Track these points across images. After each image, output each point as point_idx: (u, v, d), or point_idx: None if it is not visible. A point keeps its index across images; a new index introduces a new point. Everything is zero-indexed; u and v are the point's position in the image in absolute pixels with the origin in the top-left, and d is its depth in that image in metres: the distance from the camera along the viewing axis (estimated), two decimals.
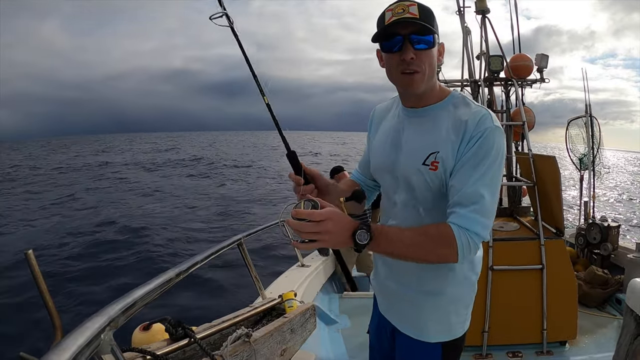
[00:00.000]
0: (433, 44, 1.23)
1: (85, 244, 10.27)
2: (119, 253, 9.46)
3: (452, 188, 1.23)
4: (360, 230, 1.09)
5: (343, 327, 3.91)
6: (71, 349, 0.76)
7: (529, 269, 3.31)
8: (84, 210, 15.03)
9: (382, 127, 1.51)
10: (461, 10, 4.73)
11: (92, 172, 29.91)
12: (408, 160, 1.34)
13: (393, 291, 1.50)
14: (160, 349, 1.54)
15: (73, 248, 9.93)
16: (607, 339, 3.52)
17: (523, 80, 4.58)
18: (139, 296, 1.16)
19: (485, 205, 1.19)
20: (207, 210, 15.13)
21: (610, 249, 4.47)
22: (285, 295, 2.36)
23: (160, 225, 12.15)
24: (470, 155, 1.21)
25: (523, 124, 4.00)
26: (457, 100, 1.33)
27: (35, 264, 1.14)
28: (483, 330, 3.28)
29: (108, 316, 0.95)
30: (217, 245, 2.16)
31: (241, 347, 1.66)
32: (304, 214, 1.06)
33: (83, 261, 8.91)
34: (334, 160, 38.13)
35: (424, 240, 1.16)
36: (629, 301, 1.34)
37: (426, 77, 1.26)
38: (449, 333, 1.43)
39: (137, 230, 11.41)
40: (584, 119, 5.44)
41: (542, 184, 3.59)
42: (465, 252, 1.16)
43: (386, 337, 1.59)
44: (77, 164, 37.88)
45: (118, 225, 12.06)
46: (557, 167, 3.37)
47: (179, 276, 1.53)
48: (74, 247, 9.97)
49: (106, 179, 24.86)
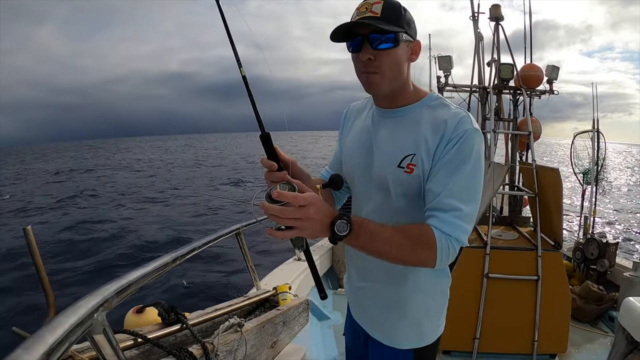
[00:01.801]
0: (396, 43, 1.17)
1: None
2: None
3: (430, 192, 1.18)
4: (340, 221, 1.01)
5: (335, 323, 3.93)
6: (63, 326, 0.76)
7: (524, 279, 3.31)
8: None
9: (355, 127, 1.46)
10: (475, 16, 4.71)
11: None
12: (382, 163, 1.29)
13: (365, 295, 1.48)
14: (152, 332, 1.54)
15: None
16: (597, 355, 3.53)
17: (532, 90, 4.57)
18: (134, 279, 1.15)
19: (466, 211, 1.14)
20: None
21: (607, 266, 4.47)
22: (280, 287, 2.37)
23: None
24: (449, 157, 1.16)
25: (529, 135, 4.00)
26: (434, 101, 1.29)
27: (33, 240, 1.14)
28: (474, 337, 3.29)
29: (102, 297, 0.96)
30: (216, 233, 2.16)
31: (232, 336, 1.66)
32: (288, 197, 0.96)
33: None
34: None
35: (404, 240, 1.09)
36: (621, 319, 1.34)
37: (387, 78, 1.21)
38: (421, 339, 1.39)
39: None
40: (590, 134, 5.42)
41: (543, 195, 3.58)
42: (444, 257, 1.11)
43: (360, 342, 1.57)
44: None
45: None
46: (560, 180, 3.37)
47: (176, 261, 1.53)
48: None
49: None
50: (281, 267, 4.15)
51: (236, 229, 2.41)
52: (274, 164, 1.15)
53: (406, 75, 1.27)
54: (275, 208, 0.95)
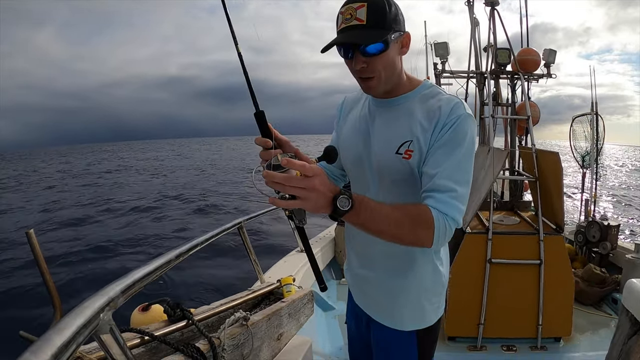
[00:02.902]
0: (385, 47, 1.16)
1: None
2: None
3: (426, 174, 1.20)
4: (342, 196, 0.99)
5: (340, 313, 3.94)
6: (70, 328, 0.77)
7: (527, 263, 3.32)
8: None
9: (351, 117, 1.48)
10: (470, 1, 4.69)
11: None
12: (380, 150, 1.31)
13: (366, 280, 1.49)
14: (159, 330, 1.55)
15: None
16: (601, 337, 3.55)
17: (530, 74, 4.55)
18: (138, 277, 1.16)
19: (461, 192, 1.17)
20: None
21: (609, 248, 4.48)
22: (284, 280, 2.37)
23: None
24: (444, 141, 1.19)
25: (528, 119, 4.00)
26: (428, 89, 1.32)
27: (36, 243, 1.14)
28: (479, 323, 3.30)
29: (107, 296, 0.96)
30: (218, 228, 2.16)
31: (238, 330, 1.67)
32: (297, 165, 0.94)
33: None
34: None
35: (404, 219, 1.10)
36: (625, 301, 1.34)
37: (383, 79, 1.23)
38: (423, 320, 1.42)
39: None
40: (589, 117, 5.41)
41: (544, 179, 3.59)
42: (441, 236, 1.12)
43: (362, 326, 1.59)
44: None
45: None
46: (560, 163, 3.37)
47: (179, 258, 1.53)
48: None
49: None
50: (284, 259, 4.16)
51: (238, 223, 2.42)
52: (268, 141, 1.14)
53: (400, 68, 1.28)
54: (282, 176, 0.93)
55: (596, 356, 3.23)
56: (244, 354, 1.68)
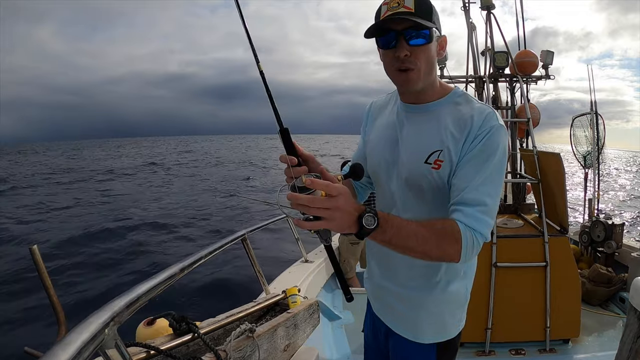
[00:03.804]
0: (430, 39, 1.17)
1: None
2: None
3: (455, 186, 1.18)
4: (367, 214, 0.98)
5: (346, 323, 3.92)
6: (75, 343, 0.76)
7: (532, 266, 3.31)
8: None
9: (379, 123, 1.45)
10: (466, 5, 4.72)
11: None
12: (409, 159, 1.28)
13: (387, 291, 1.46)
14: (164, 344, 1.54)
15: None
16: (610, 337, 3.52)
17: (528, 76, 4.56)
18: (142, 291, 1.16)
19: (490, 206, 1.14)
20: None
21: (614, 247, 4.46)
22: (289, 290, 2.37)
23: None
24: (475, 153, 1.16)
25: (528, 121, 4.00)
26: (459, 97, 1.28)
27: (39, 259, 1.14)
28: (486, 327, 3.28)
29: (112, 311, 0.96)
30: (221, 240, 2.16)
31: (245, 342, 1.66)
32: (321, 185, 0.93)
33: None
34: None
35: (430, 234, 1.07)
36: (632, 300, 1.34)
37: (422, 74, 1.20)
38: (444, 333, 1.39)
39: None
40: (589, 117, 5.41)
41: (546, 181, 3.58)
42: (468, 251, 1.10)
43: (381, 337, 1.56)
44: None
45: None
46: (562, 165, 3.36)
47: (183, 271, 1.53)
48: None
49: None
50: (289, 270, 4.15)
51: (241, 235, 2.42)
52: (294, 159, 1.12)
53: (436, 70, 1.27)
54: (306, 197, 0.93)
55: (606, 356, 3.20)
56: None
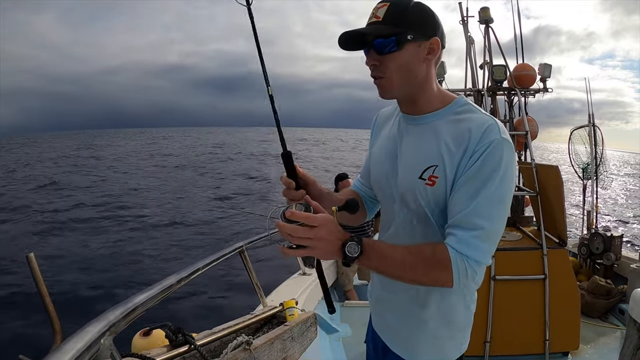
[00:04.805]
0: (399, 46, 1.11)
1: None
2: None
3: (452, 208, 1.11)
4: (350, 242, 1.01)
5: (344, 335, 3.90)
6: (70, 352, 0.76)
7: (531, 279, 3.30)
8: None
9: (383, 135, 1.40)
10: (465, 19, 4.76)
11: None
12: (404, 174, 1.23)
13: (385, 303, 1.43)
14: (160, 355, 1.53)
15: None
16: (609, 349, 3.51)
17: (526, 89, 4.59)
18: (139, 301, 1.15)
19: (489, 230, 1.07)
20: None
21: (613, 259, 4.45)
22: (287, 303, 2.35)
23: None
24: (473, 171, 1.07)
25: (526, 134, 4.01)
26: (461, 107, 1.19)
27: (36, 267, 1.14)
28: (485, 341, 3.27)
29: (108, 321, 0.95)
30: (219, 252, 2.16)
31: (241, 354, 1.65)
32: (301, 217, 0.98)
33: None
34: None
35: (418, 261, 1.06)
36: (632, 312, 1.33)
37: (395, 83, 1.15)
38: (440, 355, 1.33)
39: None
40: (587, 129, 5.44)
41: (545, 193, 3.58)
42: (462, 278, 1.06)
43: (380, 352, 1.51)
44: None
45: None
46: (560, 177, 3.37)
47: (180, 282, 1.52)
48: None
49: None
50: (286, 283, 4.13)
51: (239, 247, 2.41)
52: (292, 182, 1.18)
53: (424, 77, 1.19)
54: (288, 227, 0.97)
55: None
56: None
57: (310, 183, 1.28)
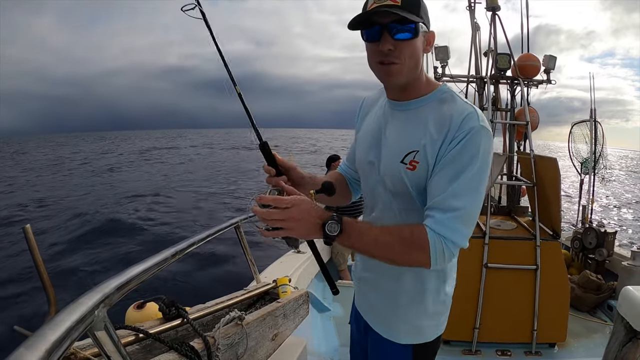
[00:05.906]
0: (415, 34, 1.13)
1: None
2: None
3: (431, 191, 1.15)
4: (331, 221, 1.05)
5: (335, 315, 3.94)
6: (65, 324, 0.76)
7: (523, 268, 3.33)
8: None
9: (368, 120, 1.43)
10: (472, 5, 4.70)
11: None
12: (387, 158, 1.27)
13: (366, 283, 1.47)
14: (153, 327, 1.54)
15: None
16: (596, 344, 3.55)
17: (529, 80, 4.56)
18: (134, 274, 1.15)
19: (466, 212, 1.11)
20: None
21: (605, 255, 4.49)
22: (280, 280, 2.37)
23: None
24: (452, 156, 1.12)
25: (527, 124, 3.99)
26: (444, 95, 1.24)
27: (32, 238, 1.14)
28: (474, 327, 3.30)
29: (103, 293, 0.95)
30: (215, 227, 2.16)
31: (233, 329, 1.66)
32: (269, 200, 1.05)
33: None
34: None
35: (395, 241, 1.10)
36: (620, 308, 1.34)
37: (406, 69, 1.17)
38: (420, 336, 1.38)
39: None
40: (588, 124, 5.42)
41: (541, 185, 3.59)
42: (439, 259, 1.09)
43: (362, 331, 1.56)
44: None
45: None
46: (558, 169, 3.37)
47: (175, 256, 1.52)
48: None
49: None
50: (281, 260, 4.16)
51: (235, 222, 2.41)
52: (272, 170, 1.30)
53: (421, 66, 1.23)
54: (261, 211, 1.04)
55: None
56: (239, 354, 1.68)
57: (290, 169, 1.38)
